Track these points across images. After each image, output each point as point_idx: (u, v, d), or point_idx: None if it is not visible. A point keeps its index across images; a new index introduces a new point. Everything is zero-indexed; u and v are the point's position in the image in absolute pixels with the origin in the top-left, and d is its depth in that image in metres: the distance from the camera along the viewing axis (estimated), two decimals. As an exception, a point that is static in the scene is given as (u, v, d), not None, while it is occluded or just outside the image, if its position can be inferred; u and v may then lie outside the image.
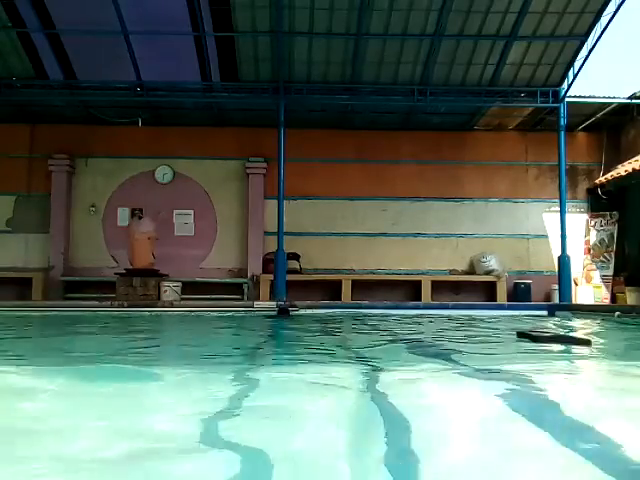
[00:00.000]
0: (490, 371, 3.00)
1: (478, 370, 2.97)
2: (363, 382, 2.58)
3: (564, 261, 11.78)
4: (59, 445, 1.59)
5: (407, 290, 13.14)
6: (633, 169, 11.84)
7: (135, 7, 10.54)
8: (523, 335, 4.64)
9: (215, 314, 8.62)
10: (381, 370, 2.97)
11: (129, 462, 1.43)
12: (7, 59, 11.66)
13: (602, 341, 5.25)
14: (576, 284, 13.14)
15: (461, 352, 3.86)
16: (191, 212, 13.62)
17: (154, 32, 11.05)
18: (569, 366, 3.62)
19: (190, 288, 12.21)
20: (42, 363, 3.31)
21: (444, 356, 3.61)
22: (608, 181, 12.98)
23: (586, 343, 4.27)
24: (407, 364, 3.34)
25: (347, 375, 2.80)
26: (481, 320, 7.46)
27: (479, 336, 5.45)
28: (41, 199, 13.34)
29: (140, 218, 12.46)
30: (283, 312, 8.48)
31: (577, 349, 4.14)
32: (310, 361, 3.50)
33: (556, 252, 12.45)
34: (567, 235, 11.94)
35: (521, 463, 1.49)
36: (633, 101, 12.48)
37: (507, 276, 13.01)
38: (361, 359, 3.58)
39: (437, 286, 13.00)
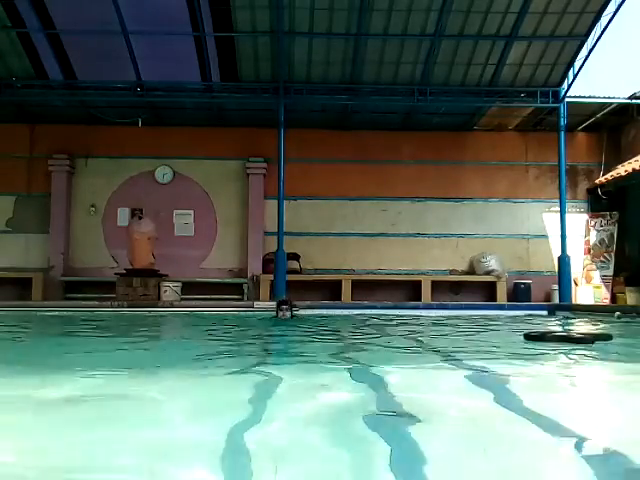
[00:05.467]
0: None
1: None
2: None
3: (564, 261, 11.78)
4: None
5: (407, 290, 13.13)
6: (633, 169, 11.83)
7: (135, 7, 10.54)
8: (532, 337, 4.40)
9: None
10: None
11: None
12: (7, 59, 11.66)
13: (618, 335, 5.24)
14: (576, 284, 13.13)
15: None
16: (191, 212, 13.61)
17: (154, 32, 11.04)
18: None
19: (190, 288, 12.19)
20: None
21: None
22: (608, 181, 12.97)
23: (608, 337, 4.31)
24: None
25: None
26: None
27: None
28: (41, 199, 13.33)
29: (140, 218, 12.44)
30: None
31: (603, 344, 4.12)
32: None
33: (556, 252, 12.45)
34: (567, 235, 11.94)
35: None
36: (633, 101, 12.48)
37: (507, 276, 12.99)
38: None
39: (437, 286, 13.00)
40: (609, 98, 12.50)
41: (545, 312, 9.42)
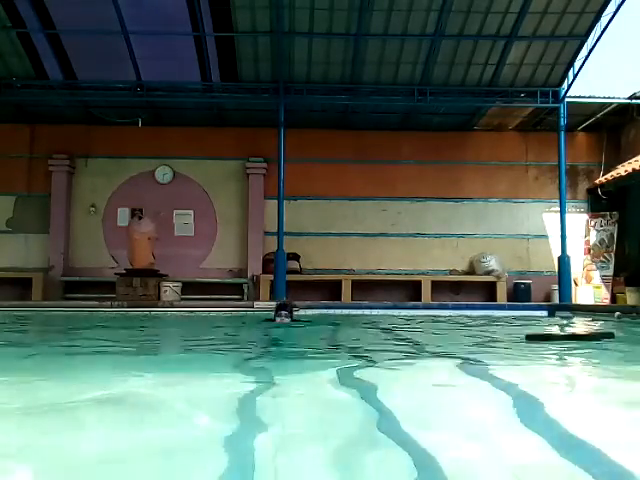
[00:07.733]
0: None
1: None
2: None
3: (564, 261, 11.78)
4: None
5: (407, 290, 13.13)
6: (633, 169, 11.83)
7: (135, 7, 10.54)
8: (534, 338, 4.36)
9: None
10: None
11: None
12: (7, 59, 11.66)
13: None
14: (576, 284, 13.13)
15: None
16: (191, 212, 13.61)
17: (154, 32, 11.05)
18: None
19: (190, 288, 12.21)
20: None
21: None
22: (608, 181, 12.97)
23: (610, 336, 4.33)
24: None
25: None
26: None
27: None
28: (41, 199, 13.33)
29: (140, 218, 12.45)
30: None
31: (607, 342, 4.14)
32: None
33: (556, 252, 12.45)
34: (567, 235, 11.94)
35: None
36: (633, 101, 12.47)
37: (507, 276, 12.99)
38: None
39: (437, 286, 12.99)
40: (609, 98, 12.50)
41: (545, 312, 9.42)
